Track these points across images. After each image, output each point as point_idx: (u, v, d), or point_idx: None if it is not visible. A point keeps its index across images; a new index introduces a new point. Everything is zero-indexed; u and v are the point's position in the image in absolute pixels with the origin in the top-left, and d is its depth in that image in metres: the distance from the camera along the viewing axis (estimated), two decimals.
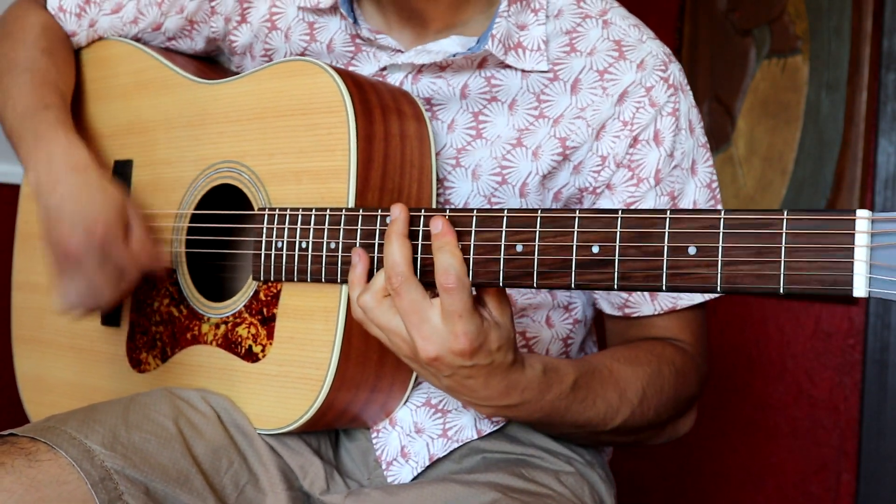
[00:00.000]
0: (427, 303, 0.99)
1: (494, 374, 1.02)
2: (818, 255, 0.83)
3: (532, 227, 0.97)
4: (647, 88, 1.21)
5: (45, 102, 1.31)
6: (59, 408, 1.41)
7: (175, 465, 1.11)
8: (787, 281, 0.84)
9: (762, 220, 0.85)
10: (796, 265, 0.84)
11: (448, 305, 0.97)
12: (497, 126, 1.24)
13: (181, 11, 1.38)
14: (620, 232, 0.91)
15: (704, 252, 0.88)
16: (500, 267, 0.98)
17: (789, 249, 0.84)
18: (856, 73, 2.38)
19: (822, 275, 0.83)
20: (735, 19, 2.61)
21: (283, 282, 1.18)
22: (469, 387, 1.03)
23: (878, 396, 2.35)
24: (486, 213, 1.00)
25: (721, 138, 2.61)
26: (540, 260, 0.96)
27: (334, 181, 1.14)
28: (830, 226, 0.83)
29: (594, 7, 1.25)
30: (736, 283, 0.86)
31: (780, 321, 2.50)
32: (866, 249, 0.81)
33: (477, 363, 1.00)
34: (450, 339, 0.98)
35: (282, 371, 1.17)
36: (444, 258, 0.97)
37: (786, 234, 0.84)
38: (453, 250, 0.98)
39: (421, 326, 0.99)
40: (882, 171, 2.37)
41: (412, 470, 1.23)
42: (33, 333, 1.50)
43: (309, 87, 1.18)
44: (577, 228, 0.94)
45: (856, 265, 0.81)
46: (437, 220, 0.99)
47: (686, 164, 1.25)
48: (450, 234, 0.98)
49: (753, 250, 0.85)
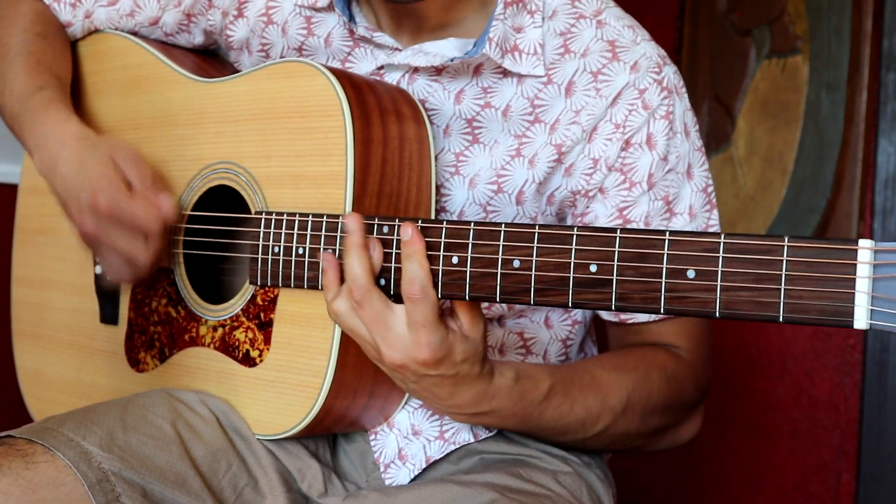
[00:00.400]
0: (390, 312, 1.00)
1: (461, 384, 1.03)
2: (819, 285, 0.81)
3: (529, 243, 0.96)
4: (640, 91, 1.20)
5: (40, 84, 1.30)
6: (59, 403, 1.42)
7: (172, 467, 1.11)
8: (787, 309, 0.83)
9: (763, 246, 0.84)
10: (796, 293, 0.82)
11: (412, 314, 0.99)
12: (492, 132, 1.22)
13: (179, 5, 1.37)
14: (619, 252, 0.90)
15: (703, 276, 0.86)
16: (497, 282, 0.97)
17: (790, 277, 0.83)
18: (856, 73, 2.38)
19: (823, 304, 0.81)
20: (735, 19, 2.61)
21: (279, 287, 1.17)
22: (437, 395, 1.05)
23: (878, 396, 2.34)
24: (483, 226, 0.98)
25: (721, 138, 2.61)
26: (537, 276, 0.95)
27: (331, 186, 1.13)
28: (832, 255, 0.81)
29: (589, 7, 1.23)
30: (735, 310, 0.85)
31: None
32: (868, 281, 0.80)
33: (442, 373, 1.02)
34: (413, 347, 1.00)
35: (279, 377, 1.16)
36: (412, 267, 0.98)
37: (786, 261, 0.83)
38: (421, 260, 0.99)
39: (385, 335, 1.01)
40: (882, 171, 2.36)
41: (409, 472, 1.22)
42: (33, 329, 1.50)
43: (306, 88, 1.17)
44: (576, 246, 0.93)
45: (857, 297, 0.80)
46: (406, 228, 0.99)
47: (681, 169, 1.23)
48: (419, 242, 0.99)
49: (753, 276, 0.84)
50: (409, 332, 0.99)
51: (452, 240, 1.00)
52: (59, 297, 1.46)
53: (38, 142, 1.26)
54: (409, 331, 0.99)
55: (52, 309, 1.47)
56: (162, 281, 1.31)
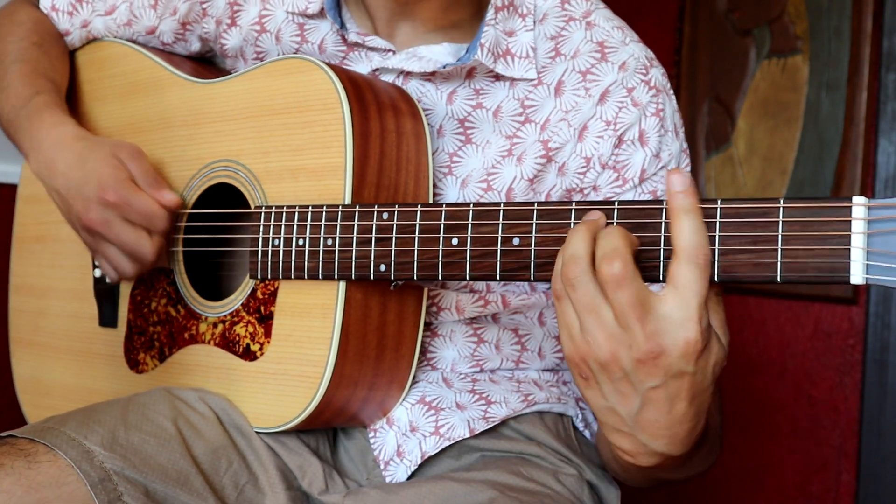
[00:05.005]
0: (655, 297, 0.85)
1: (703, 393, 0.89)
2: (815, 243, 0.83)
3: (528, 220, 0.96)
4: (628, 89, 1.22)
5: (35, 89, 1.31)
6: (57, 410, 1.41)
7: (174, 465, 1.11)
8: (784, 269, 0.84)
9: (759, 209, 0.85)
10: (793, 253, 0.84)
11: (692, 285, 0.84)
12: (484, 132, 1.24)
13: (174, 13, 1.38)
14: (617, 223, 0.91)
15: None
16: (497, 259, 0.98)
17: (786, 238, 0.84)
18: (856, 73, 2.38)
19: (819, 262, 0.83)
20: (735, 19, 2.61)
21: (280, 279, 1.18)
22: (672, 406, 0.88)
23: (878, 396, 2.35)
24: (482, 206, 0.99)
25: (721, 138, 2.61)
26: (537, 252, 0.96)
27: (331, 178, 1.14)
28: (827, 213, 0.83)
29: (578, 9, 1.25)
30: (733, 273, 0.86)
31: (780, 321, 2.50)
32: (863, 236, 0.81)
33: (695, 371, 0.86)
34: (680, 328, 0.84)
35: (280, 369, 1.17)
36: (691, 225, 0.85)
37: (782, 222, 0.84)
38: (700, 216, 0.85)
39: (646, 320, 0.85)
40: (882, 171, 2.37)
41: (406, 469, 1.23)
42: (30, 336, 1.50)
43: (304, 84, 1.17)
44: (575, 220, 0.94)
45: (852, 252, 0.81)
46: (675, 175, 0.86)
47: (671, 167, 1.25)
48: (694, 194, 0.86)
49: (750, 239, 0.85)
50: (678, 311, 0.84)
51: (452, 221, 1.00)
52: (57, 303, 1.46)
53: (33, 144, 1.27)
54: (680, 307, 0.84)
55: (50, 316, 1.47)
56: (161, 281, 1.31)
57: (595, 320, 0.86)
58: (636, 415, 0.89)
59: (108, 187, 1.18)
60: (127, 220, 1.19)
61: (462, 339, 1.28)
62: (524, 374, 1.32)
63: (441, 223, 1.02)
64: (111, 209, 1.19)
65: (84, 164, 1.21)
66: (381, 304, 1.16)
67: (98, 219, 1.19)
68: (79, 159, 1.22)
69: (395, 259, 1.06)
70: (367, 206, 1.08)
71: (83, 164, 1.21)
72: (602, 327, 0.86)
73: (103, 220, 1.19)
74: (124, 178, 1.20)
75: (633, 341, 0.85)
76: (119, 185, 1.19)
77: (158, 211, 1.19)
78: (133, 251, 1.20)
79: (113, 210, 1.19)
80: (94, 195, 1.19)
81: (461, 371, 1.29)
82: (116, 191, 1.18)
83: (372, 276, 1.09)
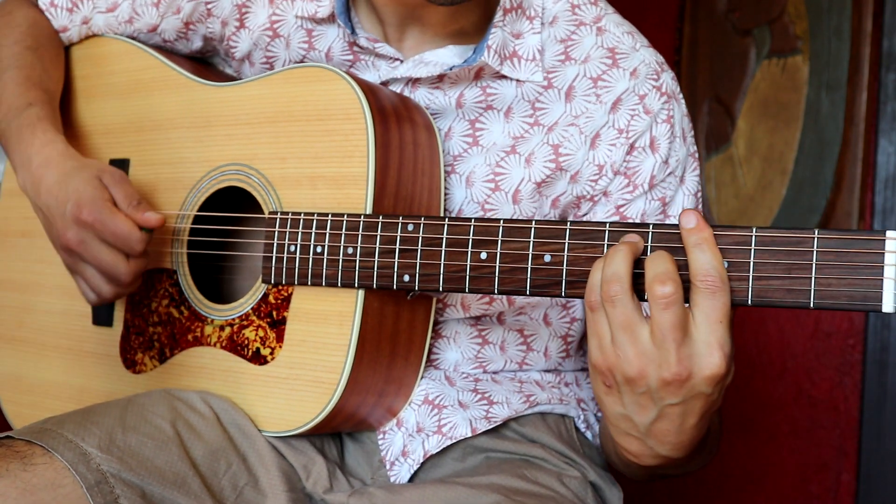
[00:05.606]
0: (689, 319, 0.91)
1: (713, 408, 0.95)
2: (848, 273, 0.87)
3: (561, 239, 0.99)
4: (640, 96, 1.22)
5: (28, 100, 1.30)
6: (41, 408, 1.40)
7: (171, 467, 1.10)
8: (818, 297, 0.88)
9: (794, 238, 0.89)
10: (826, 282, 0.88)
11: (708, 311, 0.90)
12: (493, 133, 1.24)
13: (178, 12, 1.37)
14: (651, 246, 0.94)
15: (736, 267, 0.91)
16: (528, 276, 1.00)
17: (820, 266, 0.88)
18: (856, 73, 2.38)
19: (852, 291, 0.87)
20: (735, 19, 2.61)
21: (295, 285, 1.17)
22: (684, 420, 0.94)
23: (878, 396, 2.34)
24: (512, 223, 1.02)
25: (721, 138, 2.61)
26: (569, 270, 0.98)
27: (352, 187, 1.15)
28: (860, 245, 0.87)
29: (588, 14, 1.25)
30: (766, 297, 0.90)
31: (780, 321, 2.50)
32: (895, 268, 0.85)
33: (715, 391, 0.92)
34: (705, 352, 0.90)
35: (292, 374, 1.17)
36: (703, 257, 0.91)
37: (816, 251, 0.88)
38: (711, 248, 0.91)
39: (682, 343, 0.90)
40: (882, 171, 2.36)
41: (410, 468, 1.23)
42: (13, 332, 1.48)
43: (325, 93, 1.18)
44: (608, 242, 0.96)
45: (885, 283, 0.85)
46: (689, 215, 0.92)
47: (679, 172, 1.26)
48: (706, 229, 0.91)
49: (784, 266, 0.89)
50: (705, 335, 0.89)
51: (481, 237, 1.03)
52: (44, 300, 1.44)
53: (22, 160, 1.26)
54: (705, 331, 0.89)
55: (36, 312, 1.45)
56: (163, 282, 1.30)
57: (629, 338, 0.91)
58: (650, 425, 0.95)
59: (84, 207, 1.17)
60: (104, 242, 1.18)
61: (466, 341, 1.28)
62: (526, 374, 1.32)
63: (469, 238, 1.04)
64: (87, 229, 1.17)
65: (67, 184, 1.20)
66: (395, 312, 1.17)
67: (75, 238, 1.18)
68: (63, 178, 1.21)
69: (420, 271, 1.07)
70: (391, 218, 1.10)
71: (66, 184, 1.20)
72: (635, 345, 0.91)
73: (80, 240, 1.18)
74: (102, 198, 1.18)
75: (665, 361, 0.90)
76: (95, 206, 1.17)
77: (134, 233, 1.17)
78: (109, 273, 1.19)
79: (89, 230, 1.17)
80: (71, 213, 1.18)
81: (464, 371, 1.29)
82: (91, 211, 1.17)
83: (395, 286, 1.10)
